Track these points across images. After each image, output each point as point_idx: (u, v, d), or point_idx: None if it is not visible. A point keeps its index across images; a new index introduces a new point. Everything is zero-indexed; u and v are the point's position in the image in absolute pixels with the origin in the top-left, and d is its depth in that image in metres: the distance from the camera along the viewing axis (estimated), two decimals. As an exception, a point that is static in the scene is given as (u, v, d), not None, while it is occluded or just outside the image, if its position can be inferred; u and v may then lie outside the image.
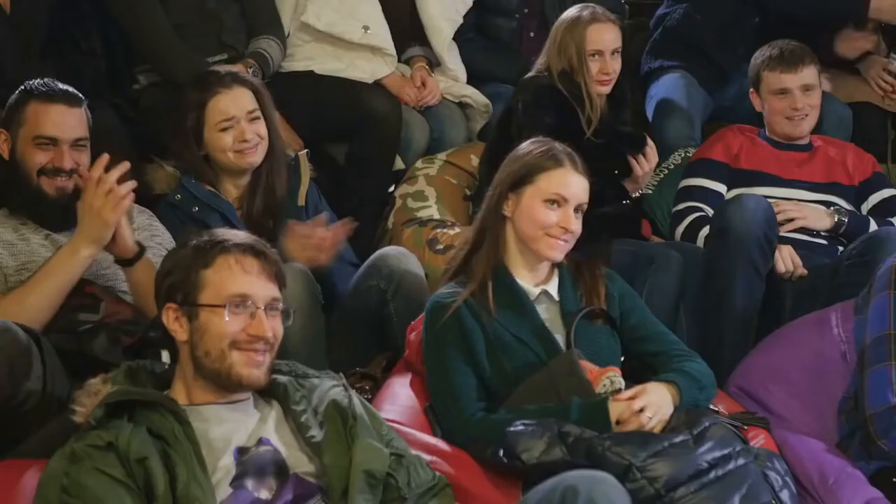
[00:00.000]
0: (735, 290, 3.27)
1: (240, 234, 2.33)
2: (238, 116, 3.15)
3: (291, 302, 2.89)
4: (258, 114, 3.19)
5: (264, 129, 3.20)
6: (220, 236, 2.29)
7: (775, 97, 3.70)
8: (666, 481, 2.34)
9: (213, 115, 3.16)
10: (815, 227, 3.58)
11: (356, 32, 3.87)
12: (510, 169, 2.76)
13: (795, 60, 3.67)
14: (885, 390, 2.65)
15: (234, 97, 3.16)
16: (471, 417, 2.60)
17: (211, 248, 2.26)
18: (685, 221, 3.64)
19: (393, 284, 3.07)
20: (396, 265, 3.10)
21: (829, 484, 2.66)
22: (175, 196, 3.17)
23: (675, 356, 2.72)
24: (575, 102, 3.52)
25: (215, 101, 3.15)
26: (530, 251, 2.75)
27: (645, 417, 2.50)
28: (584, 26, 3.52)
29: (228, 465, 2.19)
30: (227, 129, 3.15)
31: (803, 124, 3.72)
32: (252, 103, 3.19)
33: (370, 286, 3.10)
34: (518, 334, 2.67)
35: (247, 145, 3.16)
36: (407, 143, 3.87)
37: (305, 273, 3.03)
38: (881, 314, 2.71)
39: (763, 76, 3.72)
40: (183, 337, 2.25)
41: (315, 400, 2.33)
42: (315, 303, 3.03)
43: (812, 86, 3.70)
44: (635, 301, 2.85)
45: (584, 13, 3.55)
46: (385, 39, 3.92)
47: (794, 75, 3.67)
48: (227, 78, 3.19)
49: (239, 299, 2.24)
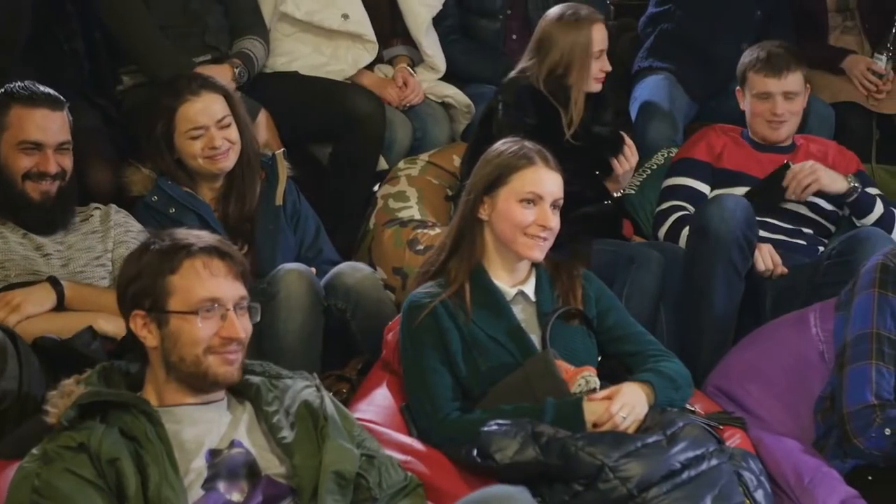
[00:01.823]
0: (714, 289, 3.28)
1: (203, 235, 2.30)
2: (207, 124, 3.15)
3: (293, 302, 2.93)
4: (229, 120, 3.18)
5: (235, 133, 3.19)
6: (183, 239, 2.26)
7: (757, 100, 3.71)
8: (638, 482, 2.34)
9: (182, 122, 3.16)
10: (830, 189, 3.56)
11: (335, 20, 3.87)
12: (483, 172, 2.76)
13: (781, 66, 3.66)
14: (863, 389, 2.65)
15: (203, 105, 3.16)
16: (446, 417, 2.61)
17: (176, 252, 2.23)
18: (668, 221, 3.65)
19: (351, 303, 3.07)
20: (353, 284, 3.09)
21: (805, 483, 2.67)
22: (151, 197, 3.18)
23: (651, 356, 2.73)
24: (557, 103, 3.52)
25: (184, 109, 3.15)
26: (509, 252, 2.75)
27: (619, 417, 2.51)
28: (589, 27, 3.51)
29: (200, 468, 2.19)
30: (197, 137, 3.15)
31: (781, 130, 3.72)
32: (223, 110, 3.18)
33: (329, 305, 3.09)
34: (493, 335, 2.68)
35: (216, 152, 3.16)
36: (390, 144, 3.87)
37: (309, 274, 3.04)
38: (864, 312, 2.71)
39: (748, 77, 3.72)
40: (153, 343, 2.24)
41: (287, 400, 2.33)
42: (316, 303, 3.03)
43: (795, 93, 3.69)
44: (612, 301, 2.86)
45: (583, 12, 3.54)
46: (364, 26, 3.92)
47: (777, 81, 3.66)
48: (195, 84, 3.17)
49: (209, 303, 2.23)
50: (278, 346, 2.92)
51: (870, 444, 2.63)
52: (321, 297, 3.04)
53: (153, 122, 3.19)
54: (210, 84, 3.21)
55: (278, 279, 2.97)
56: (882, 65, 4.34)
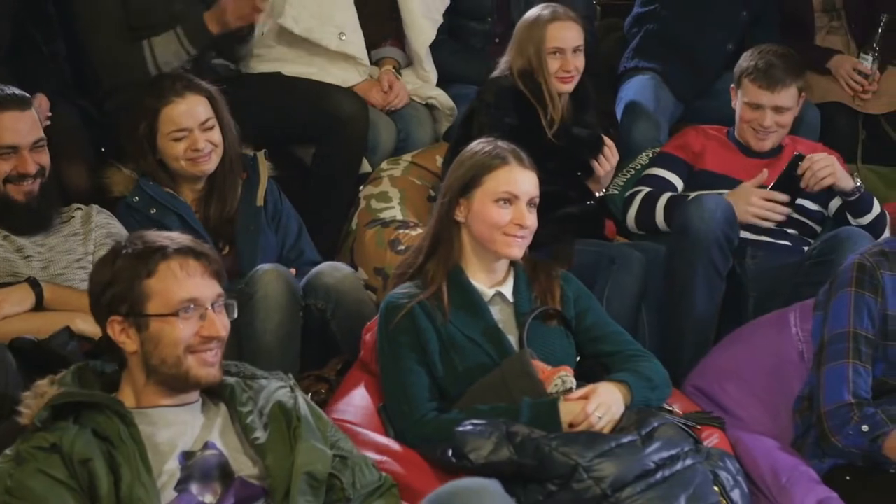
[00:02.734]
0: (695, 289, 3.29)
1: (175, 236, 2.30)
2: (191, 126, 3.14)
3: (271, 302, 2.93)
4: (212, 122, 3.18)
5: (218, 135, 3.20)
6: (156, 242, 2.26)
7: (748, 107, 3.68)
8: (612, 481, 2.34)
9: (165, 124, 3.16)
10: (841, 185, 3.53)
11: (333, 40, 3.86)
12: (457, 174, 2.76)
13: (777, 81, 3.61)
14: (840, 388, 2.65)
15: (187, 106, 3.15)
16: (422, 418, 2.61)
17: (151, 255, 2.23)
18: (635, 201, 3.65)
19: (331, 303, 3.07)
20: (333, 284, 3.09)
21: (782, 483, 2.68)
22: (133, 198, 3.18)
23: (629, 356, 2.73)
24: (537, 103, 3.53)
25: (168, 111, 3.14)
26: (488, 252, 2.75)
27: (595, 417, 2.51)
28: (545, 24, 3.53)
29: (173, 469, 2.20)
30: (180, 139, 3.15)
31: (766, 141, 3.70)
32: (206, 112, 3.18)
33: (309, 305, 3.09)
34: (470, 335, 2.68)
35: (199, 154, 3.16)
36: (374, 146, 3.87)
37: (287, 274, 3.05)
38: (841, 312, 2.72)
39: (743, 83, 3.68)
40: (133, 348, 2.24)
41: (261, 401, 2.33)
42: (294, 303, 3.04)
43: (787, 108, 3.66)
44: (591, 302, 2.86)
45: (545, 12, 3.56)
46: (360, 48, 3.92)
47: (771, 94, 3.62)
48: (179, 86, 3.16)
49: (188, 304, 2.23)
50: (256, 346, 2.93)
51: (847, 441, 2.63)
52: (299, 297, 3.05)
53: (136, 123, 3.19)
54: (194, 86, 3.20)
55: (256, 279, 2.97)
56: (868, 65, 4.34)
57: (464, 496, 2.08)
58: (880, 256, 2.73)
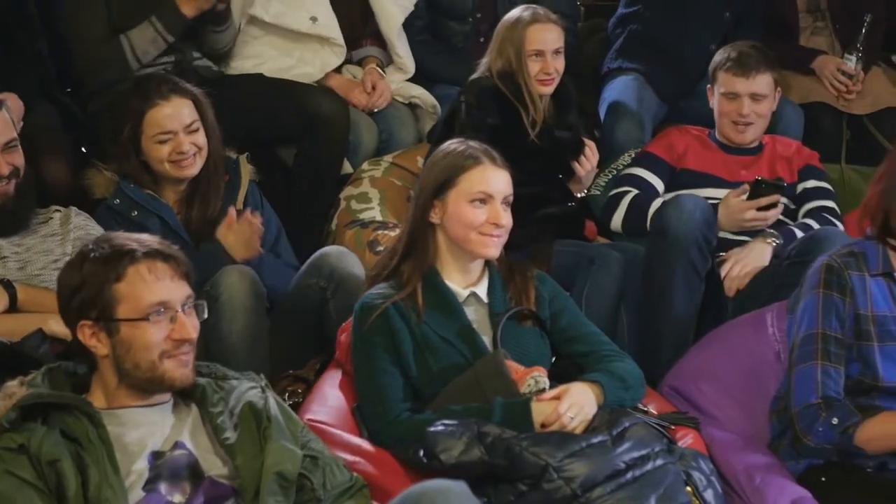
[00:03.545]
0: (674, 290, 3.30)
1: (144, 238, 2.30)
2: (176, 129, 3.14)
3: (235, 303, 2.93)
4: (197, 125, 3.18)
5: (203, 138, 3.19)
6: (124, 245, 2.25)
7: (725, 99, 3.70)
8: (582, 481, 2.34)
9: (150, 127, 3.15)
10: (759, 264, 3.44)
11: (304, 23, 3.88)
12: (430, 176, 2.75)
13: (750, 67, 3.65)
14: (809, 389, 2.65)
15: (172, 109, 3.15)
16: (396, 418, 2.61)
17: (119, 259, 2.22)
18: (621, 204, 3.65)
19: (333, 284, 3.09)
20: (337, 264, 3.11)
21: (756, 483, 2.68)
22: (114, 200, 3.18)
23: (603, 356, 2.73)
24: (518, 103, 3.53)
25: (153, 113, 3.14)
26: (463, 253, 2.75)
27: (567, 417, 2.51)
28: (525, 26, 3.54)
29: (142, 469, 2.20)
30: (165, 142, 3.15)
31: (748, 132, 3.71)
32: (191, 115, 3.18)
33: (310, 285, 3.12)
34: (444, 335, 2.68)
35: (183, 157, 3.16)
36: (356, 147, 3.88)
37: (251, 275, 3.04)
38: (810, 313, 2.71)
39: (717, 76, 3.72)
40: (104, 352, 2.24)
41: (232, 401, 2.33)
42: (259, 304, 3.04)
43: (763, 95, 3.68)
44: (566, 302, 2.86)
45: (525, 13, 3.57)
46: (333, 29, 3.93)
47: (745, 81, 3.65)
48: (165, 88, 3.16)
49: (158, 307, 2.23)
50: (223, 348, 2.92)
51: (818, 439, 2.63)
52: (264, 297, 3.05)
53: (121, 124, 3.19)
54: (180, 89, 3.20)
55: (220, 281, 2.97)
56: (852, 65, 4.35)
57: (430, 497, 2.08)
58: (849, 257, 2.73)
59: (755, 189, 3.47)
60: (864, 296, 2.69)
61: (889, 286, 2.71)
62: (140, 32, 3.58)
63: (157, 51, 3.59)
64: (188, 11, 3.58)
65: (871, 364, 2.67)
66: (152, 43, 3.58)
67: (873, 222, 2.73)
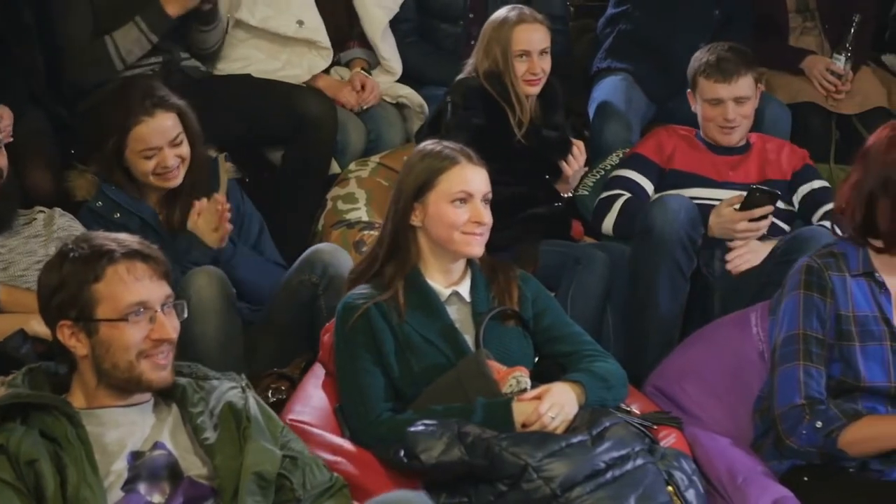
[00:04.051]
0: (659, 290, 3.30)
1: (123, 238, 2.30)
2: (161, 145, 3.15)
3: (206, 305, 2.93)
4: (181, 137, 3.18)
5: (187, 149, 3.20)
6: (103, 245, 2.25)
7: (708, 105, 3.69)
8: (562, 481, 2.35)
9: (135, 142, 3.15)
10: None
11: (290, 26, 3.88)
12: (408, 179, 2.75)
13: (731, 72, 3.63)
14: (792, 390, 2.64)
15: (157, 125, 3.15)
16: (377, 418, 2.61)
17: (97, 260, 2.22)
18: (614, 208, 3.63)
19: (325, 280, 3.10)
20: (330, 260, 3.13)
21: (738, 483, 2.67)
22: (96, 203, 3.19)
23: (585, 356, 2.73)
24: (504, 104, 3.53)
25: (138, 130, 3.14)
26: (447, 253, 2.75)
27: (548, 417, 2.51)
28: (511, 27, 3.54)
29: (121, 469, 2.20)
30: (150, 157, 3.15)
31: (734, 134, 3.71)
32: (175, 127, 3.18)
33: (302, 280, 3.13)
34: (426, 335, 2.68)
35: (168, 170, 3.17)
36: (343, 147, 3.88)
37: (219, 275, 3.06)
38: (791, 314, 2.71)
39: (698, 82, 3.70)
40: (83, 352, 2.25)
41: (213, 402, 2.34)
42: (229, 305, 3.05)
43: (745, 97, 3.67)
44: (549, 302, 2.86)
45: (512, 14, 3.57)
46: (320, 32, 3.93)
47: (728, 86, 3.64)
48: (148, 103, 3.15)
49: (137, 308, 2.23)
50: (196, 351, 2.90)
51: (802, 441, 2.62)
52: (233, 297, 3.06)
53: (105, 138, 3.19)
54: (164, 103, 3.18)
55: (188, 284, 2.97)
56: (840, 65, 4.35)
57: None
58: (829, 258, 2.72)
59: (749, 198, 3.45)
60: (844, 296, 2.69)
61: (870, 286, 2.71)
62: (124, 33, 3.58)
63: (141, 51, 3.60)
64: (173, 11, 3.58)
65: (852, 364, 2.67)
66: (136, 43, 3.58)
67: (850, 223, 2.72)
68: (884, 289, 2.71)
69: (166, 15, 3.59)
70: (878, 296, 2.71)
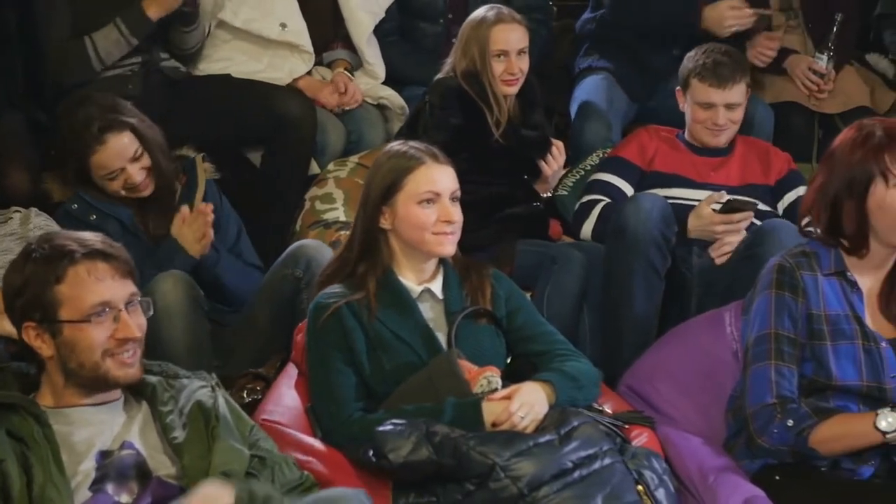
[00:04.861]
0: (633, 289, 3.29)
1: (86, 237, 2.30)
2: (122, 166, 3.18)
3: (173, 309, 2.94)
4: (140, 151, 3.20)
5: (149, 159, 3.21)
6: (65, 246, 2.26)
7: (699, 107, 3.67)
8: (529, 480, 2.35)
9: (97, 169, 3.20)
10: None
11: (273, 29, 3.89)
12: (375, 181, 2.74)
13: (726, 78, 3.61)
14: (763, 390, 2.64)
15: (113, 149, 3.17)
16: (348, 418, 2.62)
17: (59, 261, 2.23)
18: (593, 213, 3.62)
19: (308, 274, 3.11)
20: (314, 255, 3.15)
21: (709, 482, 2.67)
22: (72, 205, 3.21)
23: (557, 355, 2.73)
24: (482, 103, 3.53)
25: (95, 159, 3.18)
26: (419, 253, 2.75)
27: (517, 417, 2.51)
28: (489, 27, 3.53)
29: (89, 469, 2.22)
30: (115, 178, 3.19)
31: (722, 137, 3.70)
32: (132, 144, 3.19)
33: (286, 275, 3.15)
34: (398, 332, 2.68)
35: (136, 185, 3.20)
36: (323, 147, 3.88)
37: (186, 279, 3.07)
38: (762, 314, 2.70)
39: (691, 83, 3.68)
40: (49, 353, 2.26)
41: (182, 400, 2.35)
42: (197, 308, 3.07)
43: (738, 104, 3.66)
44: (522, 301, 2.86)
45: (490, 14, 3.56)
46: (303, 36, 3.94)
47: (721, 92, 3.62)
48: (96, 130, 3.15)
49: (100, 308, 2.24)
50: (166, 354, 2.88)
51: (773, 440, 2.62)
52: (202, 301, 3.08)
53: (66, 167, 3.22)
54: (114, 124, 3.18)
55: (154, 289, 2.97)
56: (823, 64, 4.35)
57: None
58: (801, 257, 2.72)
59: (727, 206, 3.45)
60: (816, 295, 2.69)
61: (842, 285, 2.71)
62: (104, 34, 3.59)
63: (120, 53, 3.61)
64: (153, 14, 3.60)
65: (824, 364, 2.67)
66: (116, 45, 3.59)
67: (817, 224, 2.72)
68: (855, 288, 2.71)
69: (147, 18, 3.60)
70: (850, 295, 2.71)
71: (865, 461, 2.64)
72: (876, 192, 2.60)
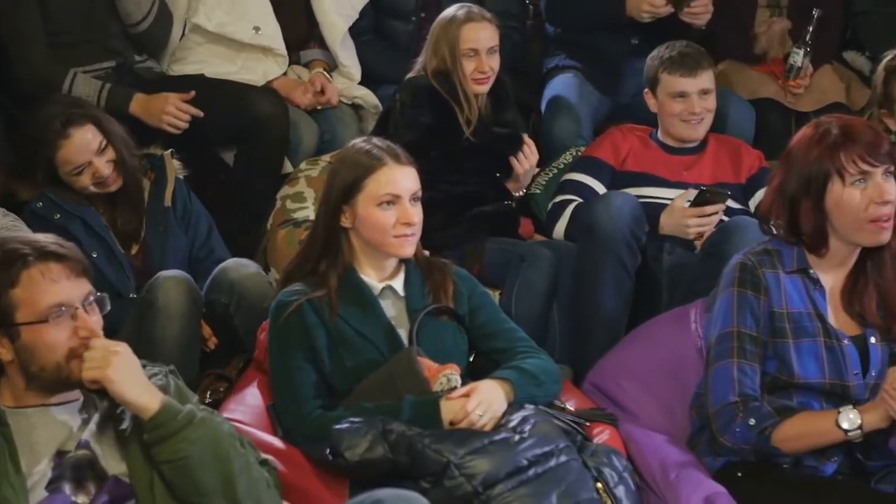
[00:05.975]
0: (603, 288, 3.30)
1: (38, 239, 2.29)
2: (88, 160, 3.18)
3: (172, 309, 2.96)
4: (104, 143, 3.21)
5: (113, 152, 3.22)
6: (17, 249, 2.24)
7: (673, 100, 3.69)
8: (483, 478, 2.36)
9: (63, 165, 3.20)
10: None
11: (247, 33, 3.90)
12: (336, 180, 2.74)
13: (695, 65, 3.65)
14: (725, 388, 2.64)
15: (77, 142, 3.18)
16: (307, 416, 2.62)
17: (11, 265, 2.22)
18: (565, 213, 3.63)
19: (235, 297, 3.13)
20: (235, 278, 3.15)
21: (671, 479, 2.68)
22: (36, 203, 3.22)
23: (517, 353, 2.74)
24: (453, 102, 3.54)
25: (60, 154, 3.19)
26: (379, 252, 2.76)
27: (475, 415, 2.53)
28: (459, 25, 3.54)
29: (45, 469, 2.21)
30: (82, 172, 3.19)
31: (699, 128, 3.71)
32: (96, 137, 3.20)
33: (213, 301, 3.16)
34: (360, 329, 2.68)
35: (104, 178, 3.21)
36: (296, 146, 3.88)
37: (187, 280, 3.08)
38: (725, 312, 2.70)
39: (661, 78, 3.70)
40: (8, 357, 2.25)
41: None
42: (195, 310, 3.08)
43: (709, 90, 3.69)
44: (484, 299, 2.87)
45: (460, 12, 3.57)
46: (276, 40, 3.95)
47: (693, 79, 3.65)
48: (59, 125, 3.17)
49: (56, 309, 2.23)
50: (156, 353, 2.90)
51: (735, 439, 2.62)
52: (200, 303, 3.09)
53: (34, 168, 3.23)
54: (76, 118, 3.20)
55: (156, 286, 3.00)
56: (799, 59, 4.32)
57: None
58: (763, 255, 2.72)
59: (700, 196, 3.47)
60: (778, 293, 2.69)
61: (804, 283, 2.71)
62: (86, 81, 3.64)
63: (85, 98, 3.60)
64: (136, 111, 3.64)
65: (786, 361, 2.67)
66: (87, 97, 3.61)
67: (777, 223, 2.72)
68: (818, 285, 2.71)
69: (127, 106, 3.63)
70: (813, 292, 2.70)
71: (828, 458, 2.64)
72: (833, 190, 2.60)
